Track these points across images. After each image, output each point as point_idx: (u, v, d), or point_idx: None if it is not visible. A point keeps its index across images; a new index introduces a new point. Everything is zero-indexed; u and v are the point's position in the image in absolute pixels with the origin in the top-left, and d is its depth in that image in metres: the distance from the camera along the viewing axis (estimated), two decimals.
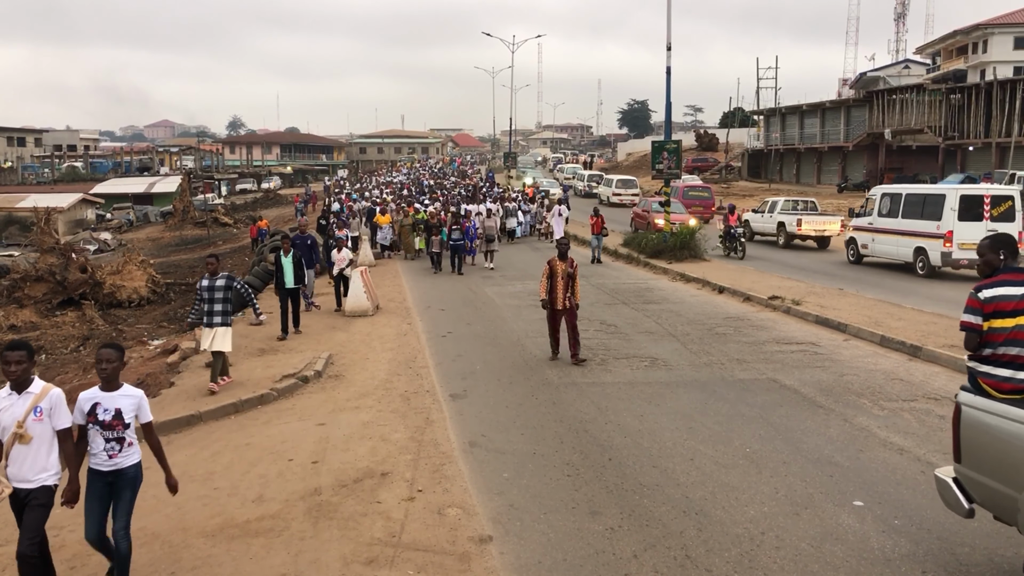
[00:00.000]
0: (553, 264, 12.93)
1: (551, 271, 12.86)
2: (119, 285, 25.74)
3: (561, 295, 12.78)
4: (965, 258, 20.63)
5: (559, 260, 12.93)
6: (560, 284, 12.79)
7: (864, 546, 6.51)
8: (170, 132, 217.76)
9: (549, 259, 13.09)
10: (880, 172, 56.14)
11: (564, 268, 12.83)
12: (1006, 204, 21.12)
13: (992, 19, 67.04)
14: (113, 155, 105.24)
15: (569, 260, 12.97)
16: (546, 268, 12.97)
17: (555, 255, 13.10)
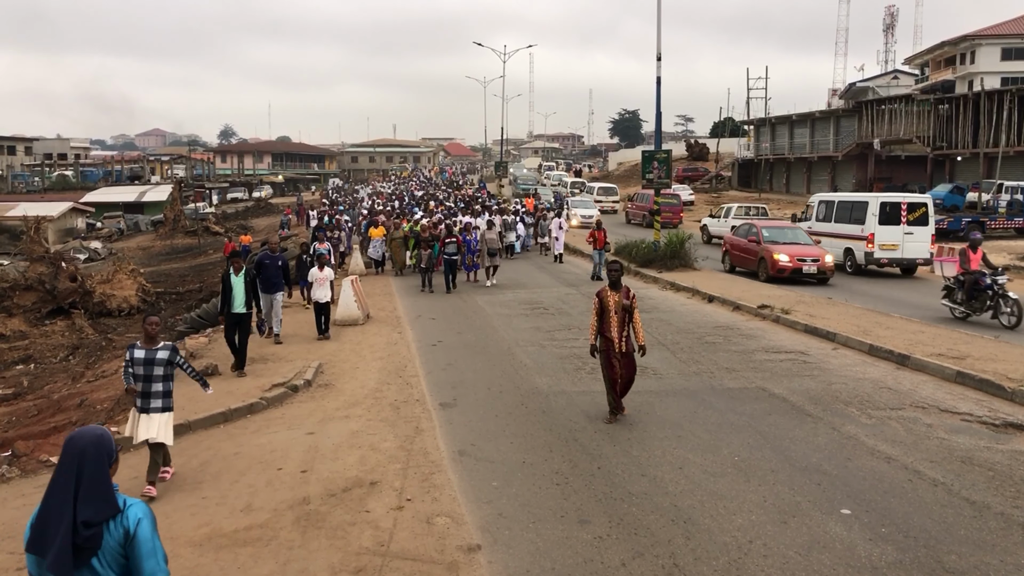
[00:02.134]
0: (604, 296, 10.11)
1: (601, 305, 10.10)
2: (109, 294, 25.68)
3: (617, 335, 10.02)
4: (885, 257, 24.21)
5: (611, 290, 10.14)
6: (615, 321, 10.01)
7: (851, 554, 6.53)
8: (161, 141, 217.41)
9: (599, 290, 10.25)
10: (869, 182, 56.37)
11: (618, 300, 10.06)
12: (921, 210, 24.18)
13: (980, 30, 67.55)
14: (104, 164, 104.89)
15: (624, 290, 10.17)
16: (595, 302, 10.18)
17: (604, 285, 10.35)
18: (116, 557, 3.41)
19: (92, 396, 13.78)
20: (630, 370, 10.21)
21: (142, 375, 8.49)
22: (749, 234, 24.43)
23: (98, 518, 3.35)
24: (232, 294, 13.25)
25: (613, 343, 10.05)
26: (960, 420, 10.10)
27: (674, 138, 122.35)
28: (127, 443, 9.12)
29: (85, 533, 3.31)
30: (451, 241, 23.35)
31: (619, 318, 10.05)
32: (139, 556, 3.42)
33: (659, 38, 26.79)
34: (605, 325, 10.10)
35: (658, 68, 26.87)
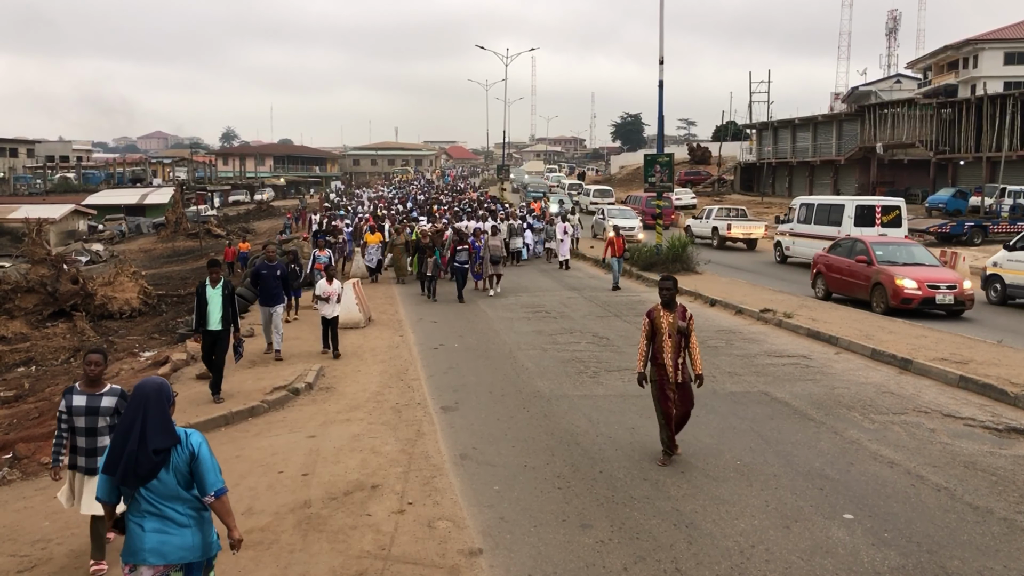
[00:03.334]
0: (656, 317, 8.77)
1: (653, 327, 8.76)
2: (111, 296, 25.66)
3: (672, 362, 8.66)
4: None
5: (664, 310, 8.78)
6: (668, 346, 8.65)
7: (854, 559, 6.51)
8: (163, 143, 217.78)
9: (649, 309, 8.91)
10: (872, 186, 56.36)
11: (673, 321, 8.71)
12: (894, 212, 25.55)
13: (982, 35, 67.58)
14: (106, 166, 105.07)
15: (679, 309, 8.81)
16: (645, 323, 8.83)
17: (657, 304, 8.94)
18: (182, 471, 4.70)
19: None
20: (686, 403, 8.79)
21: (84, 427, 6.66)
22: (855, 253, 19.70)
23: (164, 445, 4.63)
24: (207, 309, 11.58)
25: (667, 372, 8.64)
26: (963, 425, 10.07)
27: (676, 142, 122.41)
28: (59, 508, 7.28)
29: (156, 459, 4.60)
30: (463, 248, 21.79)
31: (674, 342, 8.63)
32: (202, 470, 4.76)
33: (662, 41, 26.79)
34: (657, 350, 8.69)
35: (660, 72, 26.88)
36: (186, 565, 4.78)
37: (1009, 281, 19.50)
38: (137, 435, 4.60)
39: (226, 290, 11.63)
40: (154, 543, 4.65)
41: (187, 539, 4.73)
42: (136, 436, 4.60)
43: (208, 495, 4.77)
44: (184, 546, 4.72)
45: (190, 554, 4.75)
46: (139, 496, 4.66)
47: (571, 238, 29.54)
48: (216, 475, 4.84)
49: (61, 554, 7.05)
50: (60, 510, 8.15)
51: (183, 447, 4.72)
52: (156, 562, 4.65)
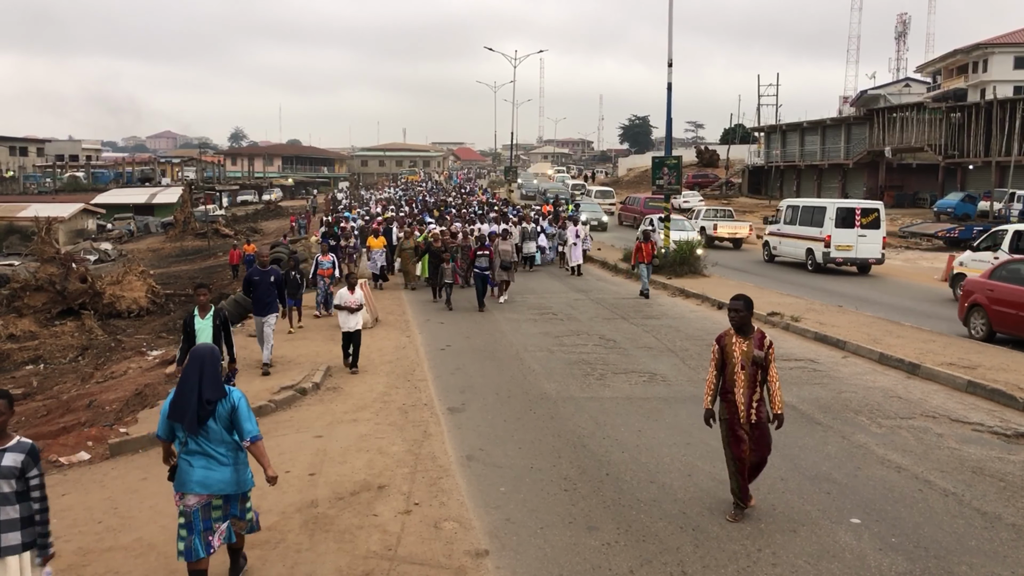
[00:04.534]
0: (727, 343, 7.43)
1: (723, 354, 7.44)
2: (119, 295, 25.77)
3: (745, 399, 7.29)
4: (840, 257, 26.92)
5: (737, 336, 7.41)
6: (741, 379, 7.30)
7: (861, 564, 6.49)
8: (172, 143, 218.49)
9: (719, 335, 7.58)
10: (880, 190, 56.20)
11: (747, 350, 7.33)
12: (873, 215, 26.87)
13: (992, 39, 67.37)
14: (115, 165, 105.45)
15: (756, 336, 7.39)
16: (714, 350, 7.54)
17: (729, 328, 7.57)
18: (224, 420, 5.91)
19: (101, 397, 13.82)
20: (762, 447, 7.39)
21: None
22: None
23: (215, 397, 5.86)
24: (194, 343, 9.98)
25: (738, 410, 7.32)
26: (971, 430, 10.04)
27: (684, 144, 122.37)
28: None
29: (208, 408, 5.84)
30: (483, 254, 20.41)
31: (748, 375, 7.27)
32: (240, 419, 5.95)
33: (671, 44, 26.76)
34: (728, 384, 7.37)
35: (669, 74, 26.84)
36: (225, 496, 5.98)
37: None
38: (196, 388, 5.81)
39: (217, 319, 10.29)
40: (200, 477, 5.84)
41: (226, 475, 5.92)
42: (195, 389, 5.81)
43: (245, 440, 5.95)
44: (223, 480, 5.90)
45: (228, 487, 5.94)
46: (190, 439, 5.86)
47: (583, 241, 27.91)
48: (252, 424, 6.02)
49: (68, 551, 7.07)
50: (68, 507, 8.20)
51: (227, 400, 5.92)
52: (200, 491, 5.84)
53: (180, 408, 5.83)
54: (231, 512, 6.06)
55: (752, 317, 7.52)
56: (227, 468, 5.93)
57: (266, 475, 6.05)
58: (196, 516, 5.86)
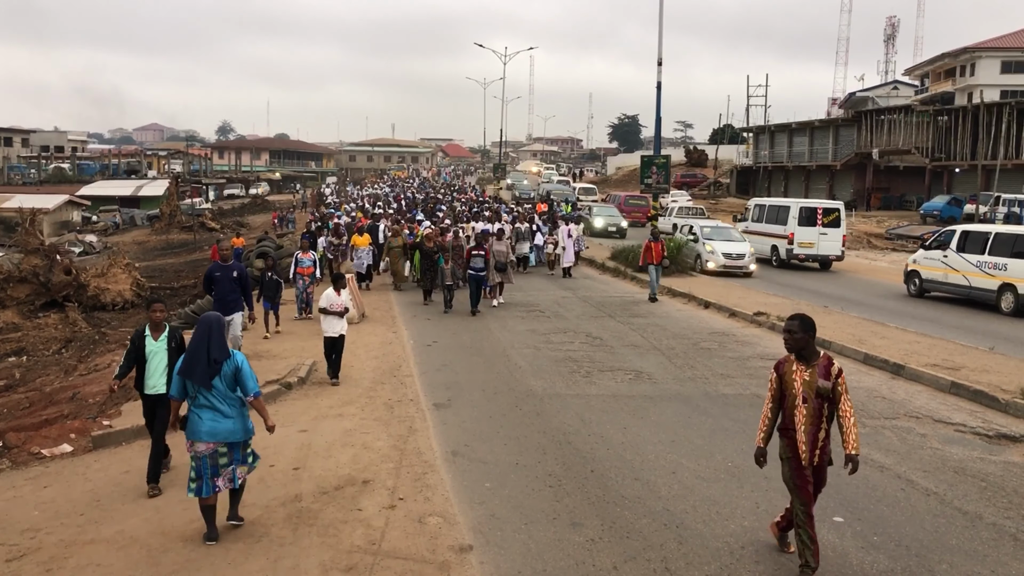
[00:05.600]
0: (786, 372, 6.33)
1: (782, 384, 6.35)
2: (103, 288, 25.59)
3: (808, 438, 6.22)
4: (803, 253, 28.33)
5: (798, 363, 6.30)
6: (802, 414, 6.22)
7: (843, 562, 6.53)
8: (159, 136, 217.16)
9: (778, 361, 6.46)
10: (867, 192, 56.52)
11: (810, 379, 6.23)
12: (834, 214, 28.33)
13: (980, 43, 67.83)
14: (101, 157, 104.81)
15: (822, 362, 6.28)
16: (771, 379, 6.45)
17: (789, 355, 6.40)
18: (229, 378, 6.90)
19: (85, 390, 13.73)
20: (822, 480, 6.50)
21: None
22: None
23: (221, 357, 6.86)
24: (146, 367, 8.53)
25: (799, 450, 6.21)
26: (954, 431, 10.11)
27: (673, 144, 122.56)
28: None
29: (215, 366, 6.83)
30: (479, 254, 19.14)
31: (812, 410, 6.17)
32: (244, 378, 6.96)
33: (660, 43, 26.83)
34: (787, 419, 6.29)
35: (659, 73, 26.92)
36: (230, 444, 6.94)
37: (925, 276, 22.03)
38: (205, 349, 6.82)
39: (173, 341, 8.59)
40: (208, 427, 6.85)
41: (231, 425, 6.91)
42: (204, 350, 6.82)
43: (249, 396, 7.00)
44: (229, 429, 6.91)
45: (233, 436, 6.93)
46: (200, 394, 6.87)
47: (575, 242, 26.82)
48: (254, 382, 7.06)
49: (50, 543, 7.03)
50: (51, 499, 8.16)
51: (231, 361, 6.92)
52: (208, 440, 6.84)
53: (191, 366, 6.85)
54: (234, 458, 7.01)
55: (813, 339, 6.29)
56: (231, 420, 6.93)
57: (266, 425, 7.16)
58: (205, 462, 6.88)
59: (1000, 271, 19.45)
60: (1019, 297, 18.86)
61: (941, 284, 21.41)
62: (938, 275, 21.41)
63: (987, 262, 19.79)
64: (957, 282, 20.74)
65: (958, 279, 20.67)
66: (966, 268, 20.37)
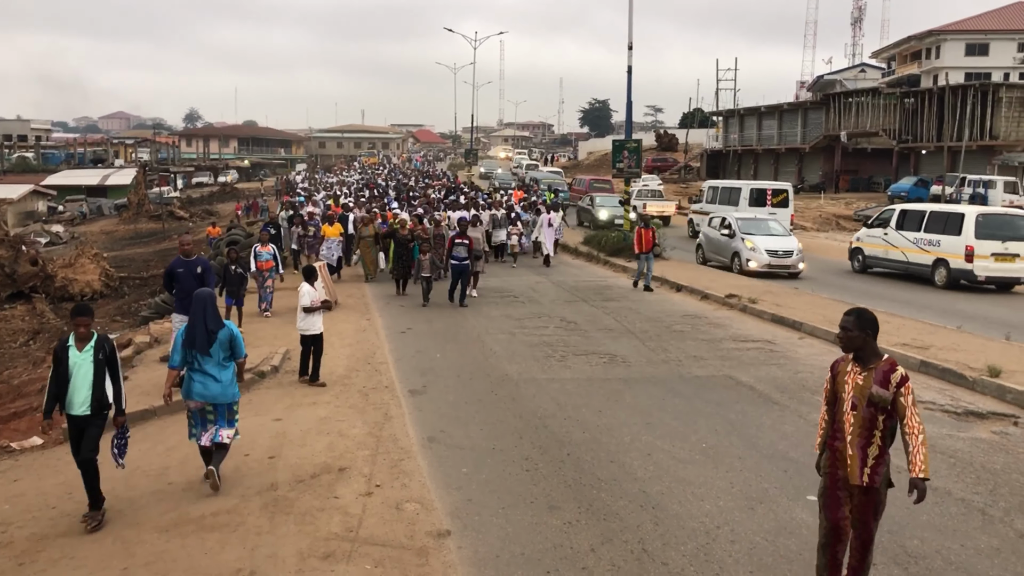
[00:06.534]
0: (840, 371, 5.54)
1: (834, 388, 5.56)
2: (71, 278, 25.31)
3: (858, 451, 5.33)
4: None
5: (854, 363, 5.45)
6: (850, 422, 5.38)
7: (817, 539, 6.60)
8: (125, 124, 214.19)
9: (837, 359, 5.67)
10: (836, 174, 57.01)
11: (863, 384, 5.35)
12: (782, 195, 30.10)
13: (945, 26, 68.46)
14: (66, 146, 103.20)
15: (881, 366, 5.34)
16: (826, 381, 5.67)
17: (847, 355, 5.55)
18: (224, 345, 7.90)
19: None
20: (867, 523, 5.39)
21: None
22: None
23: (217, 328, 7.87)
24: (69, 384, 7.29)
25: (841, 464, 5.39)
26: (923, 408, 10.24)
27: (644, 128, 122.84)
28: None
29: (211, 336, 7.83)
30: (462, 243, 18.08)
31: (862, 419, 5.30)
32: (237, 345, 8.01)
33: (631, 25, 26.81)
34: (836, 428, 5.47)
35: (629, 57, 26.90)
36: (216, 405, 7.90)
37: (868, 253, 23.51)
38: (202, 322, 7.81)
39: (100, 352, 7.34)
40: (199, 388, 7.83)
41: (218, 389, 7.86)
42: (202, 322, 7.81)
43: (240, 359, 8.14)
44: (218, 391, 7.86)
45: (221, 396, 7.89)
46: (196, 360, 7.82)
47: (556, 230, 26.19)
48: (243, 347, 8.18)
49: (22, 537, 6.95)
50: (21, 492, 8.06)
51: (226, 330, 7.96)
52: (199, 399, 7.85)
53: (193, 337, 7.82)
54: (220, 418, 7.93)
55: (873, 339, 5.41)
56: (220, 384, 7.87)
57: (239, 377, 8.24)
58: (196, 416, 7.95)
59: (934, 247, 20.79)
60: (951, 271, 20.24)
61: (882, 260, 22.90)
62: (879, 251, 22.86)
63: (923, 239, 21.17)
64: (896, 258, 22.19)
65: (897, 255, 22.13)
66: (904, 244, 21.81)
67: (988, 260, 19.79)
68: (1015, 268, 19.98)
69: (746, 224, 23.90)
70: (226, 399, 7.94)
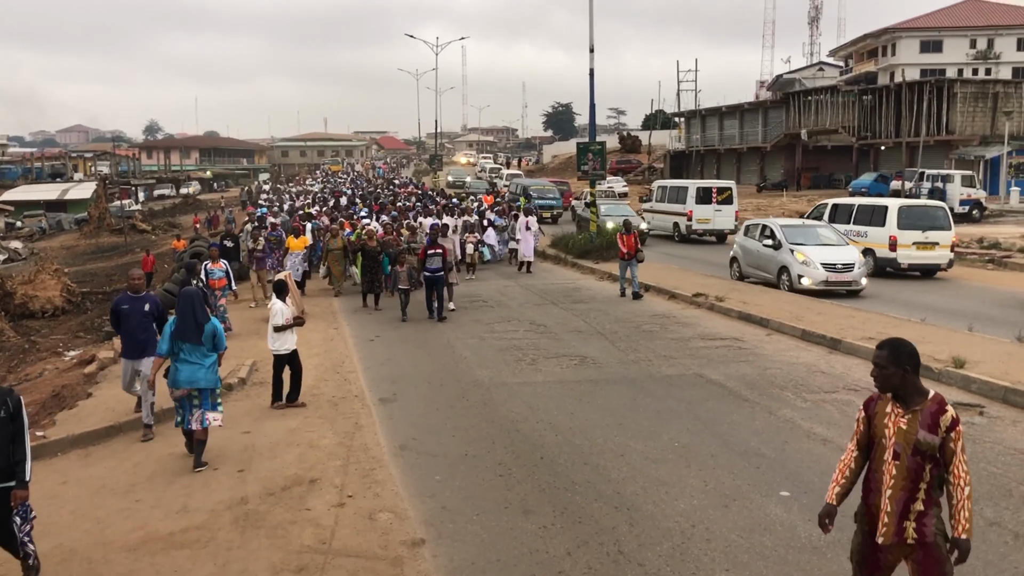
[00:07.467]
0: (878, 412, 4.61)
1: (868, 428, 4.66)
2: (32, 295, 24.83)
3: (895, 505, 4.42)
4: (700, 228, 31.69)
5: (894, 402, 4.54)
6: (892, 474, 4.44)
7: (792, 535, 6.63)
8: (84, 137, 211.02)
9: (871, 396, 4.72)
10: (797, 172, 57.69)
11: (907, 428, 4.45)
12: (727, 193, 31.90)
13: (899, 23, 69.57)
14: (23, 160, 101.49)
15: (928, 407, 4.48)
16: (859, 418, 4.74)
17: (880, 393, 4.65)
18: (209, 337, 8.80)
19: None
20: None
21: None
22: None
23: (204, 321, 8.81)
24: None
25: (881, 522, 4.47)
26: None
27: (607, 131, 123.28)
28: None
29: (201, 328, 8.75)
30: (436, 253, 17.06)
31: (906, 470, 4.42)
32: (219, 337, 8.96)
33: (591, 29, 26.91)
34: (872, 477, 4.58)
35: (591, 60, 27.01)
36: (200, 390, 8.74)
37: None
38: (192, 315, 8.74)
39: (3, 409, 5.83)
40: (186, 375, 8.69)
41: (203, 374, 8.74)
42: (191, 316, 8.74)
43: (220, 351, 9.00)
44: (202, 378, 8.73)
45: (204, 383, 8.75)
46: (183, 350, 8.69)
47: (534, 235, 25.17)
48: (223, 340, 9.07)
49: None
50: None
51: (210, 324, 8.89)
52: (186, 385, 8.69)
53: (184, 330, 8.72)
54: (204, 401, 8.76)
55: (914, 375, 4.53)
56: (203, 370, 8.73)
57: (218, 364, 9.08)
58: (183, 402, 8.75)
59: (862, 238, 21.98)
60: (877, 259, 21.50)
61: None
62: None
63: (852, 230, 22.24)
64: None
65: None
66: None
67: (910, 249, 21.26)
68: (935, 255, 21.34)
69: (792, 232, 20.32)
70: (210, 384, 8.83)
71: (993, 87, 49.06)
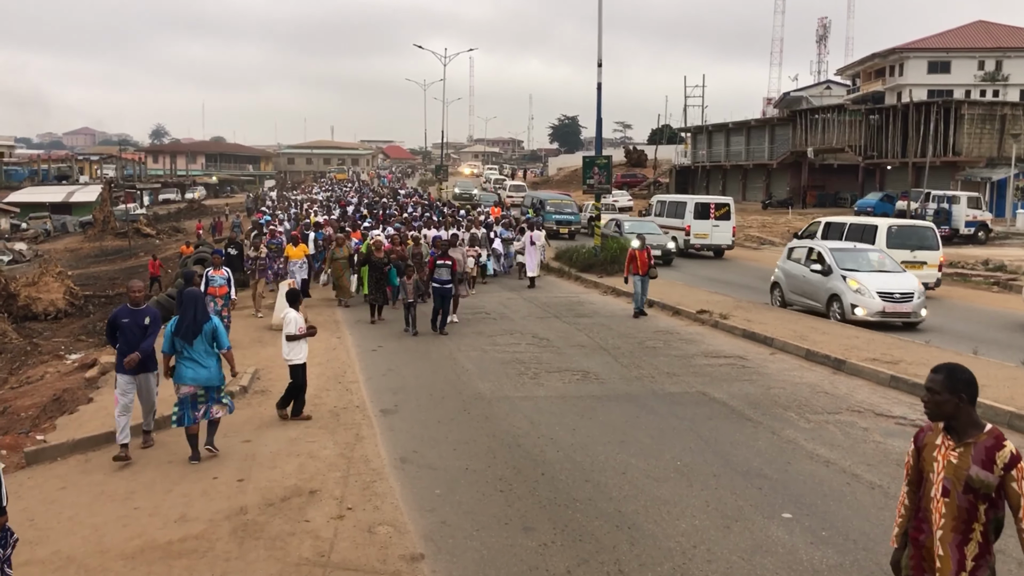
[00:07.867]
0: (927, 444, 4.26)
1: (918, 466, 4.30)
2: (35, 297, 24.87)
3: (946, 551, 4.05)
4: (699, 243, 32.62)
5: (945, 435, 4.17)
6: (942, 513, 4.08)
7: (793, 558, 6.58)
8: (91, 140, 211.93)
9: (922, 427, 4.37)
10: (803, 190, 57.68)
11: (958, 463, 4.07)
12: (724, 209, 32.80)
13: (907, 44, 69.74)
14: (29, 163, 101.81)
15: (983, 441, 4.03)
16: (909, 452, 4.37)
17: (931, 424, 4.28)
18: (208, 336, 9.11)
19: (16, 403, 13.26)
20: None
21: None
22: None
23: (205, 320, 9.15)
24: None
25: (929, 563, 4.17)
26: (895, 424, 10.30)
27: (613, 144, 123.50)
28: None
29: (199, 327, 9.07)
30: (444, 264, 16.66)
31: (957, 509, 4.05)
32: (220, 336, 9.21)
33: (600, 43, 26.96)
34: (921, 515, 4.24)
35: (599, 74, 27.05)
36: (206, 388, 9.11)
37: None
38: (193, 315, 9.07)
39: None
40: (191, 374, 9.02)
41: (207, 373, 9.09)
42: (192, 315, 9.07)
43: (223, 349, 9.25)
44: (207, 376, 9.09)
45: (209, 381, 9.11)
46: (186, 349, 9.00)
47: (539, 250, 24.92)
48: (226, 339, 9.32)
49: None
50: None
51: (211, 323, 9.17)
52: (191, 384, 9.02)
53: (185, 329, 9.03)
54: (210, 398, 9.15)
55: (970, 405, 4.13)
56: (207, 369, 9.07)
57: (231, 371, 9.57)
58: (187, 400, 9.03)
59: None
60: None
61: None
62: None
63: None
64: None
65: None
66: None
67: None
68: (923, 274, 20.73)
69: (843, 256, 18.45)
70: (215, 382, 9.19)
71: (1001, 109, 49.04)
